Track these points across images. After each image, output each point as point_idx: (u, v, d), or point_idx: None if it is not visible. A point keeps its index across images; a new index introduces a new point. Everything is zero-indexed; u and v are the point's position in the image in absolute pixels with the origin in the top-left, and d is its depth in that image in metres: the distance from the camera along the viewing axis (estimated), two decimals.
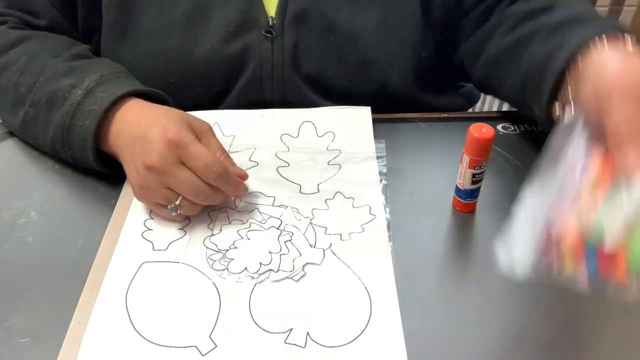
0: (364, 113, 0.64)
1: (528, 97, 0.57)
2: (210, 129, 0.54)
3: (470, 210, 0.54)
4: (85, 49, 0.64)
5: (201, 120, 0.54)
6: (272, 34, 0.63)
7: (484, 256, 0.50)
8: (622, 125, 0.40)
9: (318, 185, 0.56)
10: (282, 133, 0.62)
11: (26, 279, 0.48)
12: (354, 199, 0.54)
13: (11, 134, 0.63)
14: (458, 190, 0.53)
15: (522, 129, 0.65)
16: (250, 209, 0.54)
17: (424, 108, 0.70)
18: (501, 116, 0.67)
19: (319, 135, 0.61)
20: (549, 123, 0.52)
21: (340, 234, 0.51)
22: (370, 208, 0.54)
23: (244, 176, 0.53)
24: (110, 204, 0.55)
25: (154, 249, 0.50)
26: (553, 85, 0.51)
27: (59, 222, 0.53)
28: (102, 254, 0.50)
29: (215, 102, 0.67)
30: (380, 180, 0.56)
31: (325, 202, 0.54)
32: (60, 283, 0.48)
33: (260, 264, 0.49)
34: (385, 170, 0.58)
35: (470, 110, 0.81)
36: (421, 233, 0.52)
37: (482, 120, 0.66)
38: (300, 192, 0.56)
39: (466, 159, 0.50)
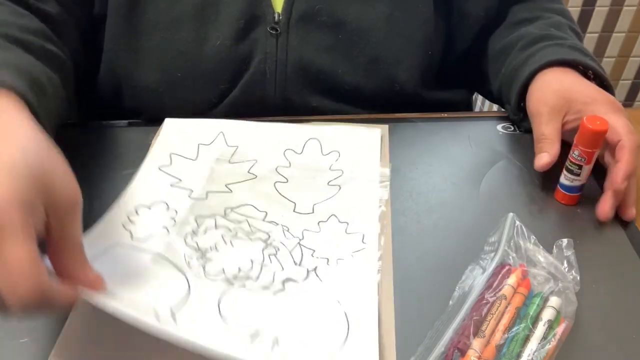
0: (374, 135, 0.62)
1: (504, 97, 0.67)
2: (76, 205, 0.38)
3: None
4: (20, 28, 0.54)
5: (70, 187, 0.38)
6: (277, 30, 0.63)
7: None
8: (538, 135, 0.57)
9: (313, 205, 0.54)
10: (286, 148, 0.60)
11: None
12: (348, 224, 0.52)
13: None
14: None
15: (522, 129, 0.65)
16: (240, 220, 0.53)
17: (429, 103, 0.70)
18: (501, 116, 0.67)
19: (324, 153, 0.60)
20: (518, 117, 0.65)
21: (328, 259, 0.49)
22: (363, 236, 0.51)
23: (93, 284, 0.38)
24: (110, 204, 0.54)
25: (132, 237, 0.49)
26: (518, 91, 0.62)
27: None
28: None
29: (219, 98, 0.66)
30: (379, 206, 0.54)
31: (318, 224, 0.52)
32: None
33: (239, 269, 0.47)
34: (387, 197, 0.55)
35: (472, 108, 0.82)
36: (421, 233, 0.52)
37: (482, 120, 0.67)
38: (293, 211, 0.54)
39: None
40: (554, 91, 0.58)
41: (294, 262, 0.49)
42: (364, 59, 0.65)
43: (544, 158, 0.55)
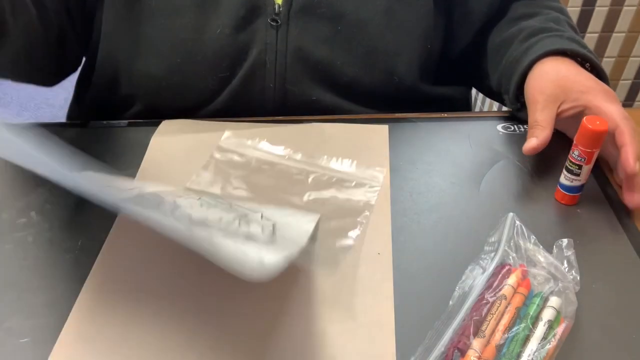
0: (310, 219, 0.52)
1: (503, 88, 0.67)
2: None
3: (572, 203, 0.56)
4: None
5: None
6: (277, 22, 0.63)
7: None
8: (531, 122, 0.58)
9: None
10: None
11: (26, 279, 0.48)
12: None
13: None
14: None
15: (522, 129, 0.65)
16: (221, 202, 0.51)
17: (428, 98, 0.71)
18: (501, 116, 0.67)
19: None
20: (516, 107, 0.65)
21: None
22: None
23: None
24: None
25: None
26: (517, 81, 0.63)
27: (59, 222, 0.53)
28: (105, 253, 0.50)
29: (219, 88, 0.67)
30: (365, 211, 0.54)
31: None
32: (60, 283, 0.48)
33: (207, 218, 0.46)
34: (373, 202, 0.55)
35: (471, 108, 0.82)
36: (421, 233, 0.52)
37: (482, 120, 0.67)
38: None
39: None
40: (551, 80, 0.58)
41: (262, 232, 0.46)
42: (362, 51, 0.66)
43: (532, 142, 0.56)
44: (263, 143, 0.62)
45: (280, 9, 0.63)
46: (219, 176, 0.58)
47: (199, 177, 0.57)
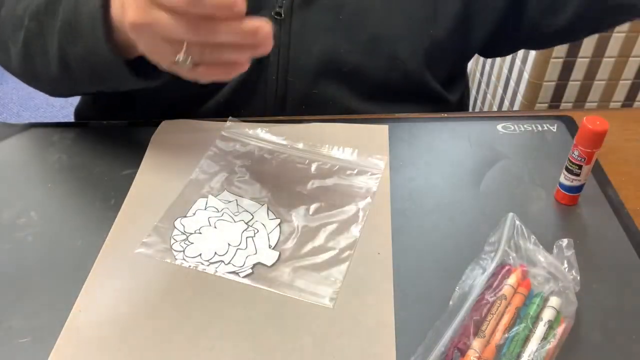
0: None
1: None
2: None
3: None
4: None
5: None
6: (280, 15, 0.63)
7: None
8: None
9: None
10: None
11: (26, 279, 0.48)
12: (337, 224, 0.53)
13: (11, 133, 0.63)
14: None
15: (522, 129, 0.65)
16: (230, 199, 0.55)
17: (431, 93, 0.70)
18: (501, 116, 0.67)
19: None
20: None
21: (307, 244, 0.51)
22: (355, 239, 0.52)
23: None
24: (110, 204, 0.55)
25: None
26: None
27: (59, 222, 0.53)
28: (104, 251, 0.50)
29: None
30: (367, 197, 0.55)
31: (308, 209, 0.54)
32: (60, 283, 0.48)
33: (215, 253, 0.50)
34: (375, 189, 0.56)
35: (470, 109, 0.82)
36: (421, 233, 0.52)
37: (482, 120, 0.67)
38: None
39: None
40: None
41: (269, 245, 0.51)
42: (365, 38, 0.66)
43: None
44: (265, 133, 0.63)
45: (284, 2, 0.64)
46: (223, 165, 0.59)
47: (203, 166, 0.59)
